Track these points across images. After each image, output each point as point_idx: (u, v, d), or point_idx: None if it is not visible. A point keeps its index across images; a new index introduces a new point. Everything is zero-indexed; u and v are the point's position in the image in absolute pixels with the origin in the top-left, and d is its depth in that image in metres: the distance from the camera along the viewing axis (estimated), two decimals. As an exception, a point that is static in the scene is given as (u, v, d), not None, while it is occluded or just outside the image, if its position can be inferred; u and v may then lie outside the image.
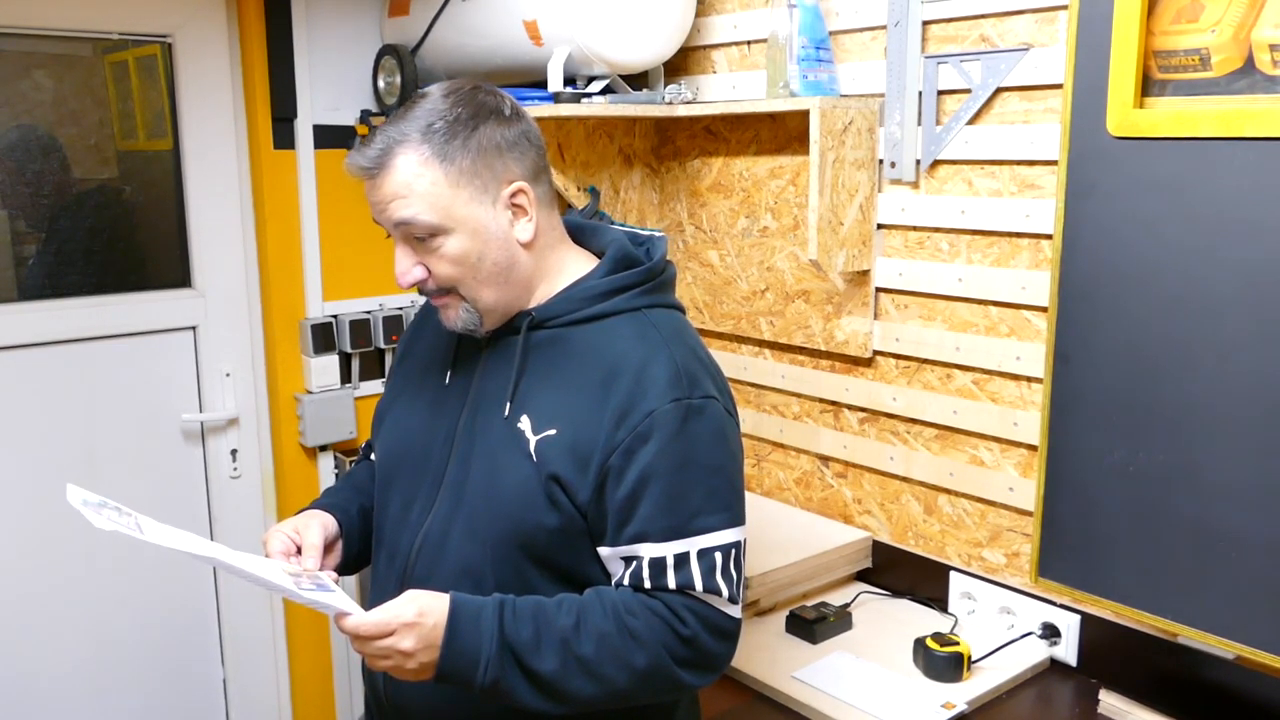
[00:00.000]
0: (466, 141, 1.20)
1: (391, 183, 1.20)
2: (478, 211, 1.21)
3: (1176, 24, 1.40)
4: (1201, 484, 1.41)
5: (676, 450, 1.19)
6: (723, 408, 1.26)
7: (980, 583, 1.84)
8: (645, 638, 1.17)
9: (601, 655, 1.16)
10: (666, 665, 1.18)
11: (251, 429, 2.38)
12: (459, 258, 1.22)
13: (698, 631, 1.19)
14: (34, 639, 2.16)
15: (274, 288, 2.31)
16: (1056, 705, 1.65)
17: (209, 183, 2.26)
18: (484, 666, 1.14)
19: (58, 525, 2.14)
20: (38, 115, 2.10)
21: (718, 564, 1.19)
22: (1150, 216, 1.43)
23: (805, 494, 2.19)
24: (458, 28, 2.17)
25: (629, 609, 1.18)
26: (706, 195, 2.30)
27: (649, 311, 1.28)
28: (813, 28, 1.90)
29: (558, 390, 1.23)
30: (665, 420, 1.18)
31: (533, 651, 1.15)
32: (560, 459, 1.20)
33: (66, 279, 2.16)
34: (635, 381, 1.20)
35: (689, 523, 1.19)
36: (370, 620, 1.12)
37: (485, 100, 1.24)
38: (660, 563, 1.18)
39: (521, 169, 1.24)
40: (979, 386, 1.83)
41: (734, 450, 1.27)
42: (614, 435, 1.19)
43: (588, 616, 1.18)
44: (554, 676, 1.15)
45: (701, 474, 1.20)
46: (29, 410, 2.11)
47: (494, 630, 1.15)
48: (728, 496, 1.22)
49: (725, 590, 1.20)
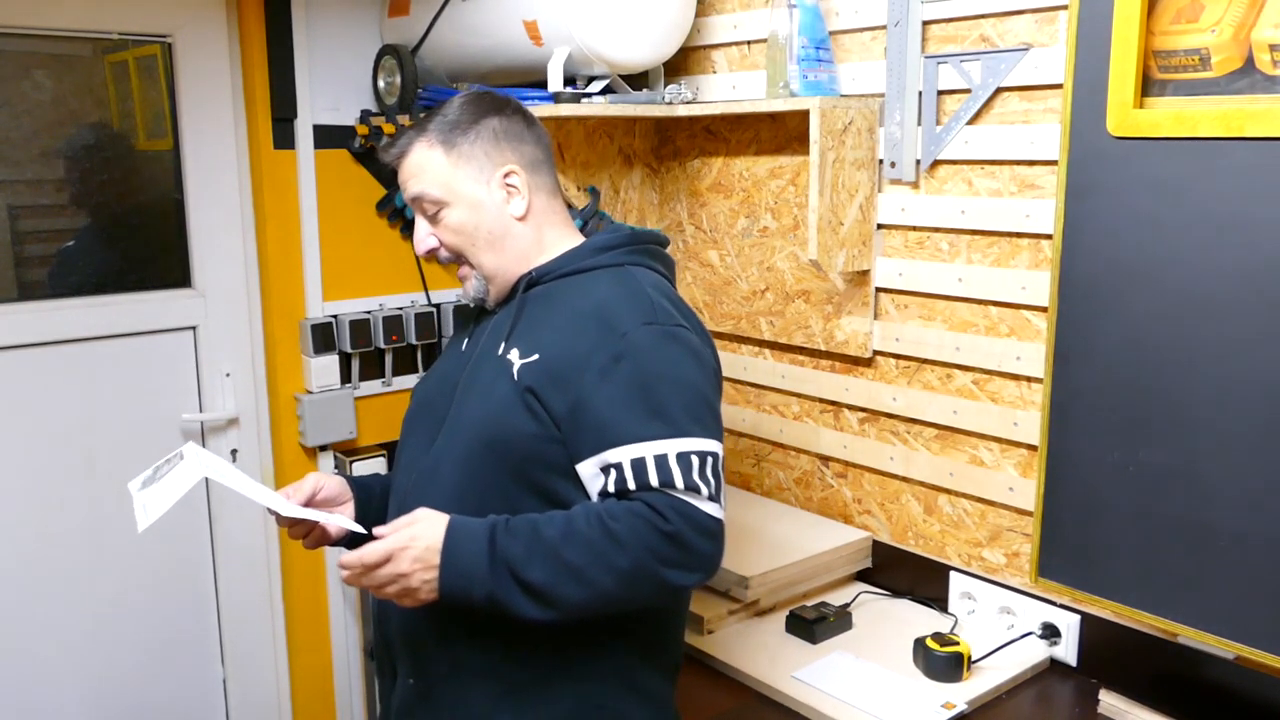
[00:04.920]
0: (468, 131, 1.44)
1: (409, 164, 1.45)
2: (475, 189, 1.43)
3: (1176, 24, 1.40)
4: (1201, 484, 1.41)
5: (652, 366, 1.29)
6: (697, 338, 1.36)
7: (980, 583, 1.84)
8: (627, 540, 1.22)
9: (588, 561, 1.22)
10: (651, 565, 1.23)
11: (251, 429, 2.37)
12: (459, 226, 1.44)
13: (681, 528, 1.23)
14: (34, 638, 2.16)
15: (274, 288, 2.31)
16: (1056, 705, 1.65)
17: (209, 183, 2.26)
18: (478, 582, 1.23)
19: (58, 525, 2.14)
20: (38, 118, 2.09)
21: (695, 465, 1.25)
22: (1150, 216, 1.43)
23: (805, 494, 2.19)
24: (458, 28, 2.17)
25: (611, 514, 1.24)
26: (706, 195, 2.30)
27: (631, 267, 1.42)
28: (813, 28, 1.90)
29: (544, 329, 1.38)
30: (640, 340, 1.30)
31: (525, 564, 1.23)
32: (538, 378, 1.33)
33: (66, 279, 2.16)
34: (612, 313, 1.33)
35: (666, 427, 1.26)
36: (358, 555, 1.23)
37: (490, 102, 1.48)
38: (641, 463, 1.25)
39: (517, 156, 1.45)
40: (979, 386, 1.83)
41: (710, 376, 1.36)
42: (590, 356, 1.30)
43: (574, 526, 1.25)
44: (546, 585, 1.23)
45: (677, 388, 1.29)
46: (29, 410, 2.11)
47: (485, 547, 1.23)
48: (701, 411, 1.30)
49: (705, 489, 1.25)
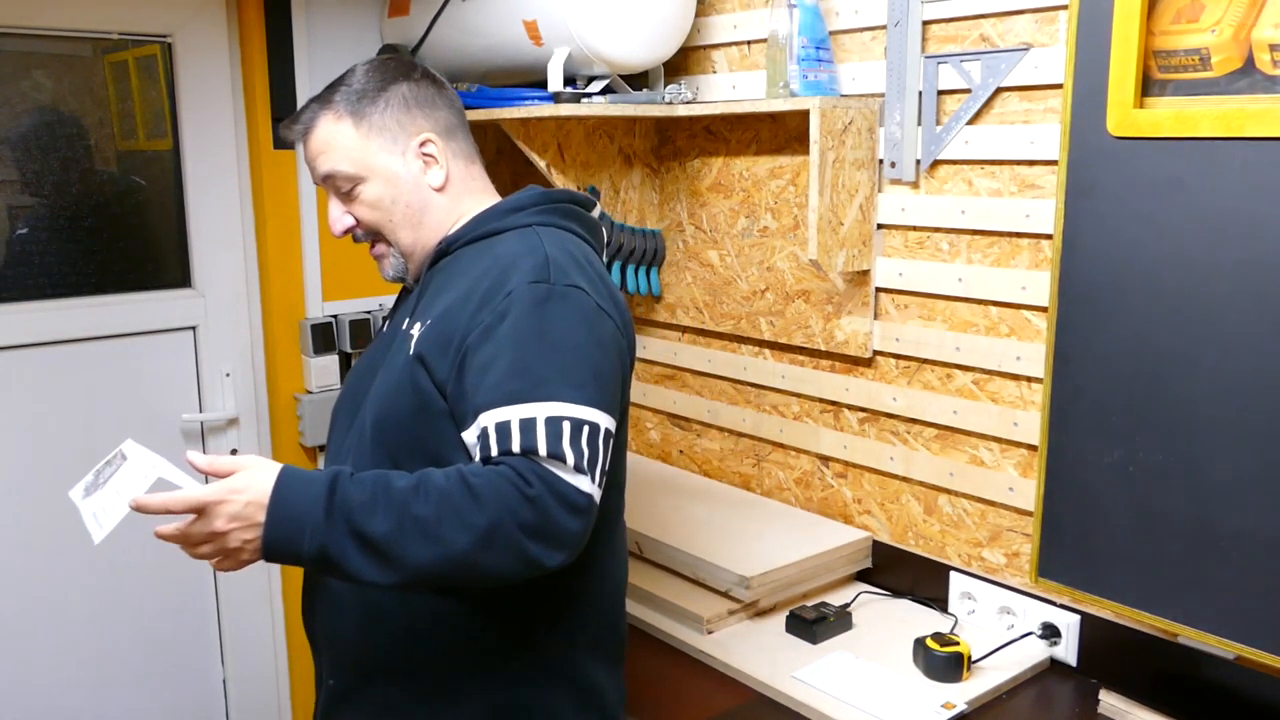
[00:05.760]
0: (376, 100, 1.35)
1: (315, 142, 1.36)
2: (389, 161, 1.35)
3: (1176, 24, 1.40)
4: (1201, 484, 1.41)
5: (529, 325, 1.20)
6: (594, 302, 1.25)
7: (980, 583, 1.84)
8: (486, 495, 1.11)
9: (441, 514, 1.11)
10: (511, 529, 1.11)
11: (251, 429, 2.38)
12: (375, 202, 1.36)
13: (542, 494, 1.12)
14: (34, 639, 2.16)
15: (274, 288, 2.31)
16: (1056, 705, 1.65)
17: (209, 183, 2.26)
18: (309, 532, 1.10)
19: (57, 525, 2.14)
20: (45, 114, 2.09)
21: (565, 433, 1.15)
22: (1150, 216, 1.43)
23: (805, 494, 2.19)
24: (457, 28, 2.17)
25: (473, 471, 1.14)
26: (706, 195, 2.30)
27: (540, 229, 1.33)
28: (813, 28, 1.90)
29: (443, 296, 1.30)
30: (522, 297, 1.21)
31: (366, 512, 1.11)
32: (427, 344, 1.26)
33: (66, 279, 2.16)
34: (502, 271, 1.25)
35: (535, 389, 1.16)
36: (162, 500, 1.11)
37: (396, 67, 1.39)
38: (505, 427, 1.15)
39: (431, 124, 1.37)
40: (979, 386, 1.83)
41: (601, 340, 1.24)
42: (475, 316, 1.23)
43: (429, 479, 1.14)
44: (387, 538, 1.10)
45: (554, 349, 1.19)
46: (28, 410, 2.11)
47: (323, 494, 1.11)
48: (583, 376, 1.19)
49: (571, 458, 1.14)
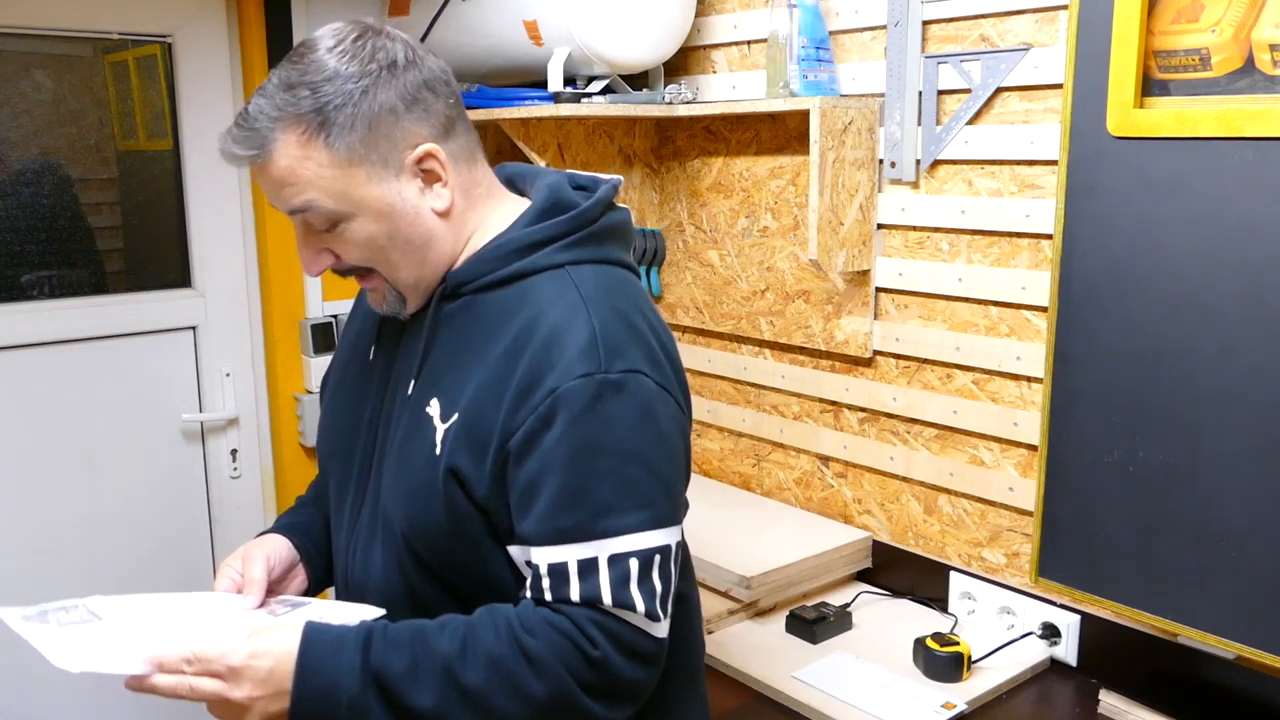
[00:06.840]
0: (356, 109, 1.01)
1: (274, 169, 1.02)
2: (380, 189, 1.04)
3: (1176, 24, 1.40)
4: (1201, 484, 1.41)
5: (581, 434, 0.99)
6: (654, 383, 1.04)
7: (980, 583, 1.84)
8: (544, 660, 0.97)
9: (492, 684, 0.97)
10: (571, 693, 0.98)
11: (251, 429, 2.38)
12: (366, 242, 1.06)
13: (608, 654, 0.99)
14: (34, 639, 2.16)
15: (274, 288, 2.31)
16: (1056, 705, 1.65)
17: (209, 183, 2.26)
18: (345, 706, 0.96)
19: (57, 525, 2.14)
20: (38, 118, 2.09)
21: (633, 573, 0.99)
22: (1150, 216, 1.43)
23: (805, 494, 2.19)
24: (458, 28, 2.17)
25: (527, 627, 0.99)
26: (706, 195, 2.30)
27: (574, 268, 1.08)
28: (813, 28, 1.90)
29: (466, 367, 1.07)
30: (571, 398, 0.99)
31: (407, 684, 0.97)
32: (459, 452, 1.04)
33: (66, 279, 2.16)
34: (543, 352, 1.01)
35: (594, 522, 0.99)
36: (171, 684, 0.95)
37: (375, 52, 1.03)
38: (561, 570, 0.99)
39: (427, 127, 1.06)
40: (979, 386, 1.83)
41: (665, 434, 1.04)
42: (514, 416, 1.01)
43: (476, 638, 0.99)
44: (433, 713, 0.97)
45: (613, 462, 1.00)
46: (29, 410, 2.11)
47: (356, 662, 0.97)
48: (649, 491, 1.01)
49: (642, 604, 0.99)
